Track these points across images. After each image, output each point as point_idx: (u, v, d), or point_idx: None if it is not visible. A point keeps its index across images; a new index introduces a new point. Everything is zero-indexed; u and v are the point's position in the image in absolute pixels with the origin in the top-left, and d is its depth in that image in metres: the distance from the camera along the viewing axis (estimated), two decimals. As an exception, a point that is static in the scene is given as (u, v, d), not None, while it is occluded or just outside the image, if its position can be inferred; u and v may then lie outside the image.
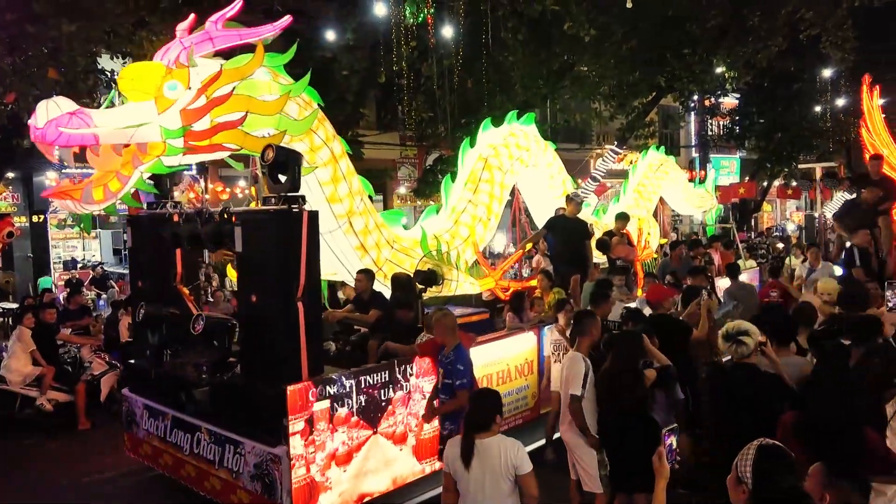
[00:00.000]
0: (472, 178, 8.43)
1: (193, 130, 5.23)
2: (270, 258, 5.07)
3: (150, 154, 5.23)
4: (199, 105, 5.23)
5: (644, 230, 10.76)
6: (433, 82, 15.07)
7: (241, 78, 5.42)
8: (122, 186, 5.19)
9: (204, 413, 5.67)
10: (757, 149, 25.82)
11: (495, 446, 3.77)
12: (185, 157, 5.40)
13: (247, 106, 5.36)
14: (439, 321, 5.31)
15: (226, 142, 5.37)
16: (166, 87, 5.18)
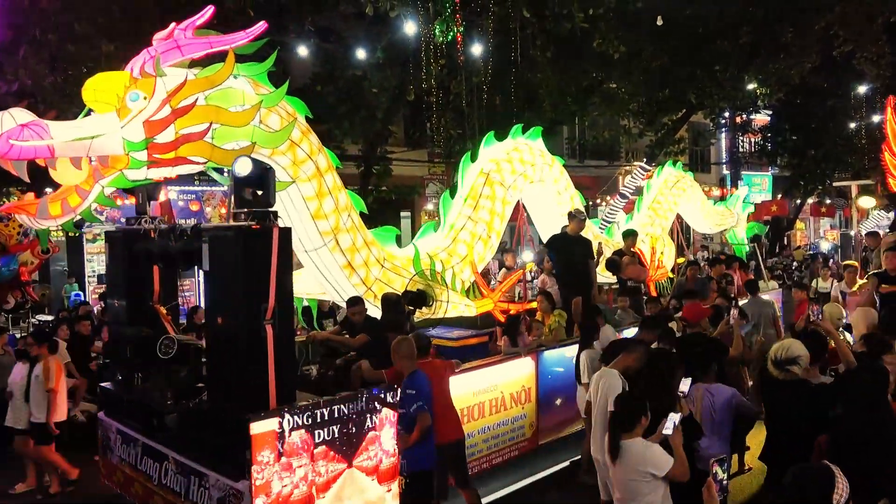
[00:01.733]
0: (472, 195, 8.06)
1: (157, 143, 4.97)
2: (238, 277, 4.73)
3: (113, 167, 4.98)
4: (163, 116, 4.96)
5: (658, 249, 10.28)
6: (462, 99, 15.12)
7: (210, 87, 5.16)
8: (82, 201, 4.95)
9: (172, 441, 5.35)
10: (789, 166, 25.21)
11: (636, 448, 3.93)
12: (150, 171, 5.13)
13: (213, 117, 5.09)
14: (394, 348, 5.02)
15: (192, 154, 5.10)
16: (128, 97, 4.94)
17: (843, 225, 36.60)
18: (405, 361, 5.03)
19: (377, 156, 17.29)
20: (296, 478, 4.76)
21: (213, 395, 5.01)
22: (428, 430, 4.79)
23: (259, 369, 4.70)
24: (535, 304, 8.03)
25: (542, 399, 6.73)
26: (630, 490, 3.83)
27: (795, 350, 4.44)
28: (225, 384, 4.89)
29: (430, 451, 4.99)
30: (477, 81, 14.81)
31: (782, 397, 4.45)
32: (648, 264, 9.75)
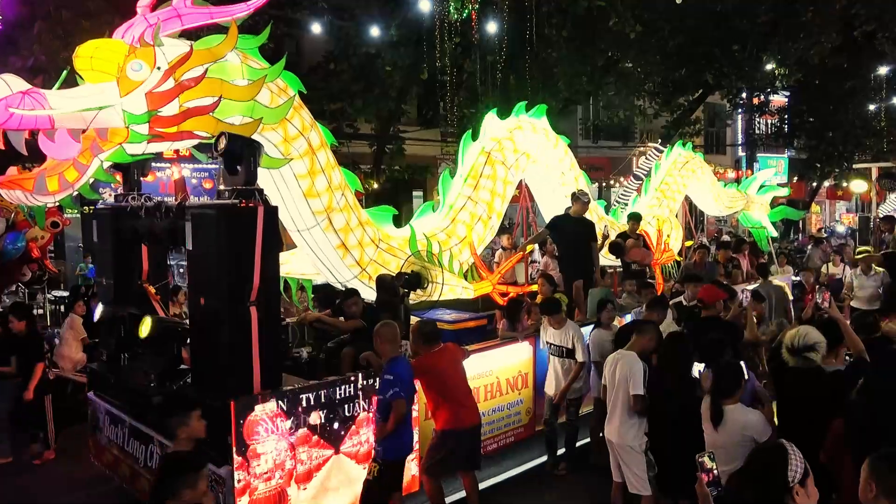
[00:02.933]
0: (472, 174, 7.83)
1: (160, 116, 4.74)
2: (221, 257, 4.58)
3: (112, 141, 4.73)
4: (167, 88, 4.72)
5: (664, 231, 10.03)
6: (475, 79, 14.94)
7: (212, 60, 4.91)
8: (80, 176, 4.71)
9: (158, 424, 5.23)
10: (806, 148, 24.73)
11: (737, 414, 4.09)
12: (150, 145, 4.92)
13: (220, 90, 4.86)
14: (376, 332, 4.84)
15: (196, 129, 4.88)
16: (130, 67, 4.66)
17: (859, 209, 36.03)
18: (387, 346, 4.84)
19: (390, 135, 17.14)
20: (281, 463, 4.65)
21: (196, 378, 4.88)
22: (403, 419, 4.62)
23: (242, 352, 4.57)
24: (535, 287, 7.84)
25: (540, 385, 6.55)
26: (733, 455, 3.92)
27: (813, 337, 4.25)
28: (207, 367, 4.76)
29: (405, 441, 4.80)
30: (491, 60, 14.70)
31: (797, 385, 4.30)
32: (654, 247, 9.51)
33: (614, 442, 4.97)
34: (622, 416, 4.90)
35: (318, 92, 15.06)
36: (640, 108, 18.78)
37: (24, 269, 9.24)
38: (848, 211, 37.53)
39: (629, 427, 4.88)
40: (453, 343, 5.87)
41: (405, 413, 4.67)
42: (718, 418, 4.10)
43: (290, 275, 7.03)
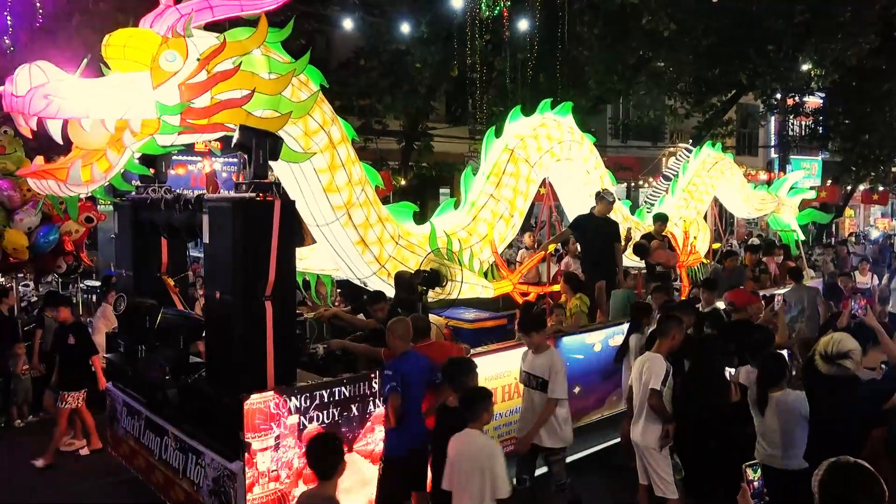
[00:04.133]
0: (495, 171, 7.72)
1: (193, 107, 4.66)
2: (236, 251, 4.54)
3: (143, 132, 4.63)
4: (201, 80, 4.65)
5: (691, 233, 9.81)
6: (505, 76, 14.85)
7: (243, 53, 4.86)
8: (112, 167, 4.64)
9: (172, 416, 5.23)
10: (841, 150, 24.18)
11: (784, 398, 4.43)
12: (181, 137, 4.87)
13: (252, 83, 4.80)
14: (389, 327, 4.78)
15: (227, 121, 4.80)
16: (163, 57, 4.59)
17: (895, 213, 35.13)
18: (397, 342, 4.77)
19: (418, 132, 17.12)
20: (293, 460, 4.60)
21: (211, 373, 4.86)
22: (398, 413, 4.53)
23: (256, 348, 4.54)
24: (556, 286, 7.71)
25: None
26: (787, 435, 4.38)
27: (847, 344, 4.11)
28: (222, 361, 4.73)
29: (407, 437, 4.67)
30: (521, 58, 14.58)
31: (831, 393, 4.18)
32: (680, 249, 9.31)
33: (639, 444, 4.93)
34: (647, 418, 4.84)
35: (348, 88, 15.09)
36: (671, 108, 18.53)
37: (59, 261, 9.33)
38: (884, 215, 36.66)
39: (654, 429, 4.81)
40: (448, 341, 5.80)
41: (398, 406, 4.57)
42: (763, 404, 4.45)
43: (309, 270, 6.99)
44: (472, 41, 13.50)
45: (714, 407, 4.63)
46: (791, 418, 4.38)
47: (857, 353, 4.17)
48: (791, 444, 4.43)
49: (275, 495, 4.49)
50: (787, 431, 4.42)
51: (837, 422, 4.14)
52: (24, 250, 8.12)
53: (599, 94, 16.20)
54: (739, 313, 6.24)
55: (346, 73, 15.37)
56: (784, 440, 4.43)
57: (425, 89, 16.24)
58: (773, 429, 4.40)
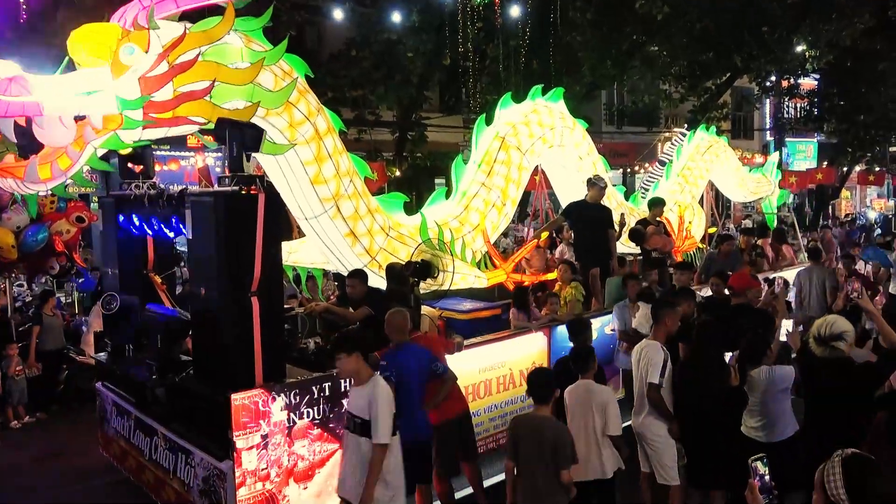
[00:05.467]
0: (486, 160, 7.60)
1: (154, 101, 4.58)
2: (220, 246, 4.45)
3: (106, 128, 4.60)
4: (161, 72, 4.56)
5: (686, 218, 9.72)
6: (498, 64, 14.69)
7: (208, 42, 4.75)
8: (73, 164, 4.58)
9: (162, 416, 5.15)
10: (837, 132, 24.10)
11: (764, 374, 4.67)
12: (146, 132, 4.78)
13: (214, 74, 4.70)
14: (387, 319, 4.67)
15: (191, 114, 4.72)
16: (123, 51, 4.51)
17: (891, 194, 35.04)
18: (395, 333, 4.69)
19: (412, 122, 16.99)
20: (282, 458, 4.52)
21: (198, 371, 4.77)
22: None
23: (244, 344, 4.44)
24: (551, 275, 7.61)
25: (555, 376, 6.36)
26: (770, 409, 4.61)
27: (840, 325, 4.08)
28: (209, 359, 4.65)
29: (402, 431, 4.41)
30: (514, 45, 14.42)
31: (827, 377, 4.15)
32: (675, 234, 9.22)
33: (640, 431, 4.89)
34: (647, 406, 4.79)
35: (340, 79, 14.96)
36: (665, 93, 18.41)
37: (51, 262, 9.21)
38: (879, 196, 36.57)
39: (655, 417, 4.76)
40: (436, 334, 5.71)
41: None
42: (744, 381, 4.65)
43: (298, 264, 6.90)
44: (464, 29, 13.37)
45: (714, 393, 4.57)
46: (775, 392, 4.61)
47: (850, 334, 4.16)
48: (777, 418, 4.65)
49: (262, 496, 4.41)
50: (771, 406, 4.63)
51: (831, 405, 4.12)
52: (10, 249, 8.00)
53: (593, 79, 16.09)
54: (738, 297, 6.16)
55: (337, 65, 15.22)
56: (769, 415, 4.64)
57: (418, 79, 16.12)
58: (756, 404, 4.64)
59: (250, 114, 4.84)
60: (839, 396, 4.10)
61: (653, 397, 4.71)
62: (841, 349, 4.11)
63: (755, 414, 4.71)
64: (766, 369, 4.66)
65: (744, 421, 4.75)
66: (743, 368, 4.70)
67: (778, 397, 4.65)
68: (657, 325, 4.94)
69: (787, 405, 4.71)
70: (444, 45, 14.23)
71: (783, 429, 4.65)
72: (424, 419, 4.70)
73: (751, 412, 4.71)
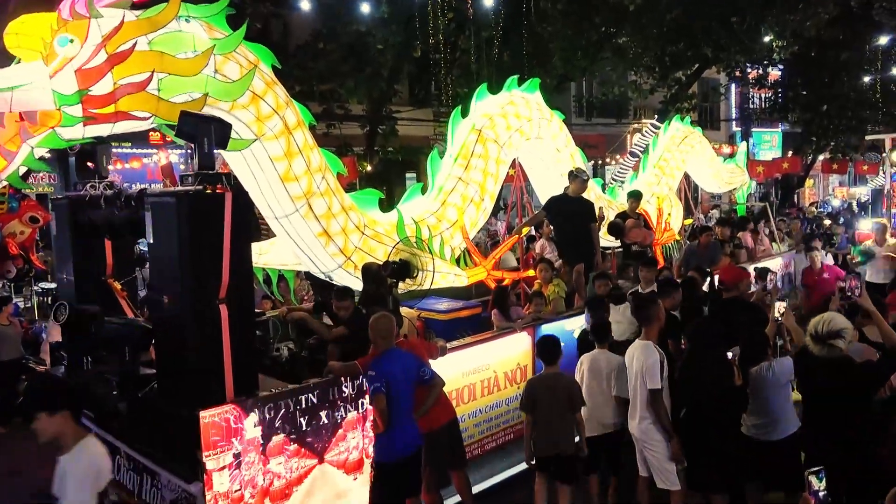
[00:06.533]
0: (462, 153, 7.33)
1: (92, 95, 4.28)
2: (184, 250, 4.10)
3: (43, 125, 4.28)
4: (98, 63, 4.26)
5: (664, 210, 9.59)
6: (469, 55, 14.40)
7: (153, 30, 4.45)
8: (7, 164, 4.27)
9: (125, 433, 4.78)
10: (801, 121, 24.40)
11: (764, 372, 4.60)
12: (88, 129, 4.44)
13: (157, 64, 4.38)
14: (371, 325, 4.44)
15: (133, 108, 4.42)
16: (58, 42, 4.22)
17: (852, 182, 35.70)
18: (379, 340, 4.46)
19: (382, 115, 16.63)
20: (257, 478, 4.21)
21: (163, 385, 4.42)
22: (385, 416, 4.24)
23: (212, 356, 4.11)
24: (532, 272, 7.39)
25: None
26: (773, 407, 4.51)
27: (839, 322, 3.92)
28: (174, 373, 4.30)
29: (396, 441, 4.38)
30: (486, 36, 14.18)
31: (822, 375, 3.99)
32: (655, 227, 9.07)
33: (637, 437, 4.74)
34: (643, 409, 4.61)
35: (307, 72, 14.55)
36: (635, 84, 18.40)
37: (7, 266, 8.70)
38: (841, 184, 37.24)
39: (651, 420, 4.58)
40: (418, 339, 5.48)
41: (385, 409, 4.26)
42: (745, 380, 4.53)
43: (269, 266, 6.56)
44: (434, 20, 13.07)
45: (715, 393, 4.40)
46: (777, 387, 4.51)
47: (848, 332, 4.02)
48: (779, 416, 4.54)
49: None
50: (773, 403, 4.52)
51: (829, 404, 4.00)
52: (-42, 256, 7.51)
53: (564, 71, 15.95)
54: (730, 291, 5.98)
55: (304, 58, 14.81)
56: (771, 413, 4.53)
57: (388, 71, 15.78)
58: (757, 402, 4.53)
59: (198, 107, 4.54)
60: (837, 396, 3.97)
61: (656, 406, 4.52)
62: (839, 347, 3.96)
63: (756, 412, 4.57)
64: (765, 365, 4.55)
65: (743, 420, 4.60)
66: (744, 367, 4.57)
67: (780, 393, 4.51)
68: (647, 325, 4.73)
69: (789, 401, 4.58)
70: (415, 36, 13.91)
71: (785, 427, 4.52)
72: (415, 429, 4.48)
73: (752, 410, 4.57)
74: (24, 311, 11.38)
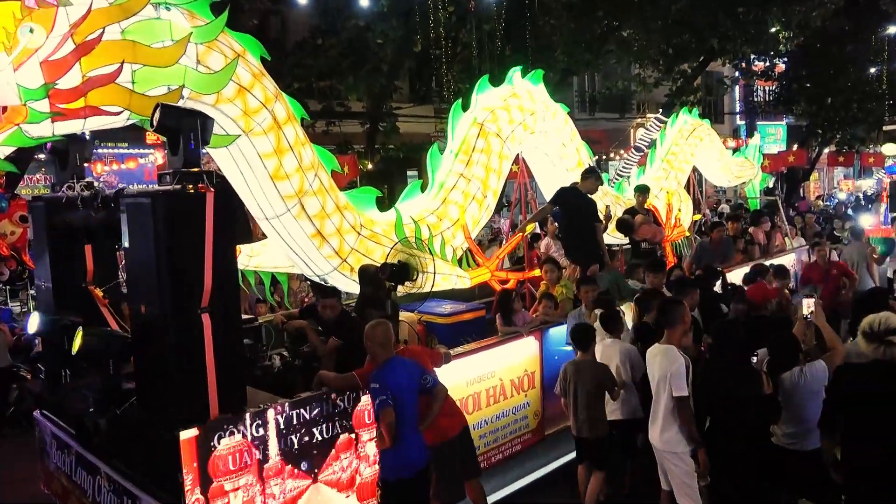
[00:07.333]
0: (463, 149, 6.99)
1: (60, 89, 3.93)
2: (162, 255, 3.77)
3: (8, 121, 3.95)
4: (65, 54, 3.92)
5: (674, 206, 9.25)
6: (471, 50, 14.08)
7: (125, 17, 4.10)
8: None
9: (105, 452, 4.46)
10: (806, 114, 24.07)
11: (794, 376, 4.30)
12: (58, 125, 4.10)
13: (128, 54, 4.04)
14: (368, 334, 4.17)
15: (104, 103, 4.07)
16: (21, 32, 3.86)
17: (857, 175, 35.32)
18: (378, 349, 4.17)
19: (383, 112, 16.30)
20: (249, 501, 3.88)
21: (143, 401, 4.09)
22: (392, 431, 3.96)
23: (194, 369, 3.78)
24: (538, 272, 7.05)
25: (548, 384, 5.81)
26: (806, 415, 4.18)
27: (893, 319, 3.58)
28: (154, 388, 3.97)
29: (405, 457, 4.11)
30: (488, 30, 13.86)
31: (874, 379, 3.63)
32: (664, 223, 8.73)
33: (658, 448, 4.50)
34: (666, 418, 4.32)
35: (306, 70, 14.23)
36: (639, 77, 18.12)
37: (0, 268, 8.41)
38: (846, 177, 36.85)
39: (672, 431, 4.30)
40: (421, 346, 5.17)
41: (391, 423, 3.97)
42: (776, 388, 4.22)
43: (261, 268, 6.24)
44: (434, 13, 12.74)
45: (743, 402, 4.09)
46: (810, 394, 4.20)
47: None
48: (813, 424, 4.19)
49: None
50: (806, 410, 4.21)
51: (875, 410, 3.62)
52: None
53: (567, 65, 15.64)
54: (758, 310, 5.74)
55: (303, 55, 14.49)
56: (805, 421, 4.22)
57: (388, 67, 15.45)
58: (789, 410, 4.24)
59: (175, 100, 4.22)
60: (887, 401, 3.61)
61: (684, 414, 4.22)
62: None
63: (788, 421, 4.26)
64: (797, 371, 4.25)
65: (773, 429, 4.27)
66: (774, 374, 4.24)
67: (814, 399, 4.20)
68: (671, 327, 4.41)
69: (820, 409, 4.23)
70: (415, 30, 13.57)
71: (820, 436, 4.17)
72: (421, 443, 4.18)
73: (784, 419, 4.27)
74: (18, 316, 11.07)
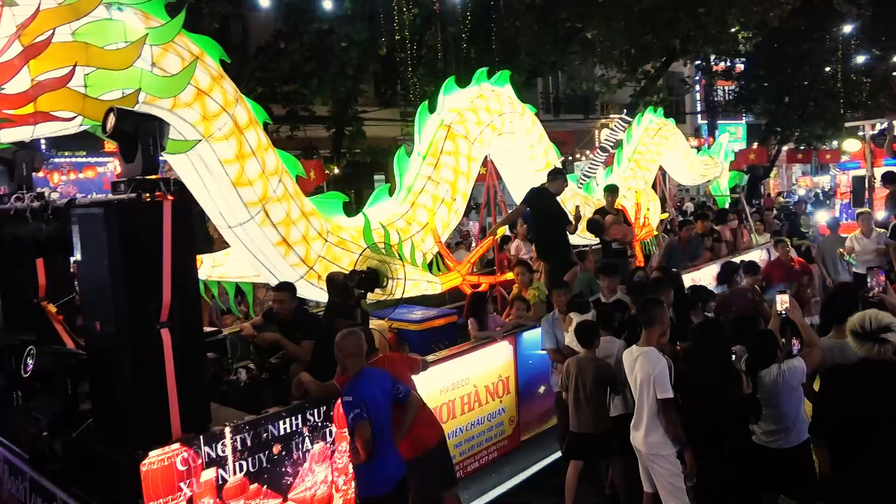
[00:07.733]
0: (431, 151, 6.87)
1: (6, 94, 3.73)
2: (116, 268, 3.56)
3: None
4: (12, 57, 3.72)
5: (643, 205, 9.25)
6: (436, 52, 13.94)
7: (75, 18, 3.91)
8: None
9: (61, 478, 4.21)
10: (765, 112, 24.52)
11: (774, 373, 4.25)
12: (4, 132, 3.89)
13: (80, 57, 3.85)
14: (339, 345, 4.03)
15: (55, 108, 3.88)
16: None
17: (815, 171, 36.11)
18: (350, 360, 4.03)
19: (348, 116, 16.10)
20: (212, 525, 3.69)
21: (99, 424, 3.87)
22: (368, 445, 3.82)
23: (154, 388, 3.57)
24: (510, 275, 6.96)
25: (523, 389, 5.72)
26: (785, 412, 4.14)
27: (885, 317, 3.47)
28: (111, 409, 3.75)
29: (382, 472, 3.98)
30: (453, 32, 13.76)
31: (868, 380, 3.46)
32: (634, 222, 8.72)
33: (642, 451, 4.41)
34: (649, 421, 4.24)
35: (269, 74, 13.97)
36: (603, 78, 18.26)
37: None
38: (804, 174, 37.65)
39: (658, 433, 4.23)
40: (399, 353, 5.03)
41: (368, 437, 3.83)
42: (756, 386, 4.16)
43: (225, 278, 6.02)
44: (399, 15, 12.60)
45: (723, 403, 4.04)
46: (790, 391, 4.17)
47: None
48: (793, 421, 4.19)
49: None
50: (786, 407, 4.18)
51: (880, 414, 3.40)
52: None
53: (532, 67, 15.66)
54: None
55: (265, 59, 14.22)
56: (784, 419, 4.18)
57: (353, 70, 15.26)
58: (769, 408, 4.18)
59: (130, 105, 4.02)
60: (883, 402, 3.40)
61: (671, 417, 4.16)
62: (891, 342, 3.46)
63: (768, 419, 4.22)
64: (775, 368, 4.19)
65: (753, 428, 4.24)
66: (753, 372, 4.19)
67: (793, 397, 4.17)
68: (649, 328, 4.33)
69: (801, 406, 4.23)
70: (380, 33, 13.42)
71: (799, 434, 4.16)
72: (397, 456, 4.05)
73: (763, 417, 4.23)
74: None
